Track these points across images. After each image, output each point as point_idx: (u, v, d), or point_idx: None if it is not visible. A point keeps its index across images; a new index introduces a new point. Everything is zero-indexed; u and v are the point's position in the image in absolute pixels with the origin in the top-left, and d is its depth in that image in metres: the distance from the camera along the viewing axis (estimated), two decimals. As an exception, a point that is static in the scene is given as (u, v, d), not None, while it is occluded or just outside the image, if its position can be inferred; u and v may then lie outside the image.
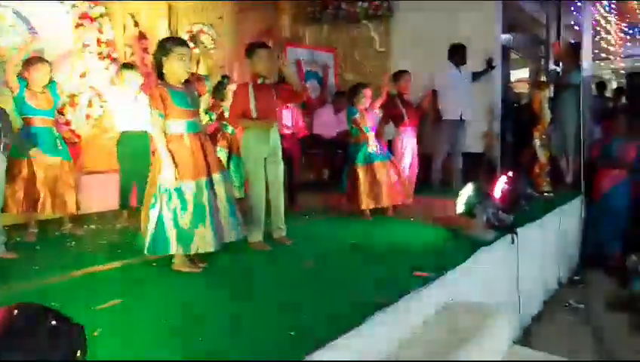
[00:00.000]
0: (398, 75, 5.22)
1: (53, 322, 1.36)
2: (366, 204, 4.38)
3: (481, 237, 3.46)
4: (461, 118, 5.86)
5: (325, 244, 3.53)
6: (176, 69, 2.80)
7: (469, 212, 3.65)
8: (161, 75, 2.83)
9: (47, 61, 3.89)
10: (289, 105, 4.95)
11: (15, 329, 1.30)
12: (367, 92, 4.45)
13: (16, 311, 1.35)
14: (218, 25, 6.38)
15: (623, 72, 11.75)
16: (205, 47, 6.16)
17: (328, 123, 6.74)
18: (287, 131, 5.04)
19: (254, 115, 3.37)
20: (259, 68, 3.41)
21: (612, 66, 11.77)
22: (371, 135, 4.45)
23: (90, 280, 2.80)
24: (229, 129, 4.91)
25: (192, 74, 3.17)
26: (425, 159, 5.81)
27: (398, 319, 2.30)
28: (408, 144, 5.16)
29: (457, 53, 5.79)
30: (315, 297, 2.43)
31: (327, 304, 2.33)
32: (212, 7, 6.33)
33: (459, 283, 2.90)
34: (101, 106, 5.14)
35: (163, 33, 5.60)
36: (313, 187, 6.25)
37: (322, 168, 7.15)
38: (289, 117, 5.24)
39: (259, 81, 3.43)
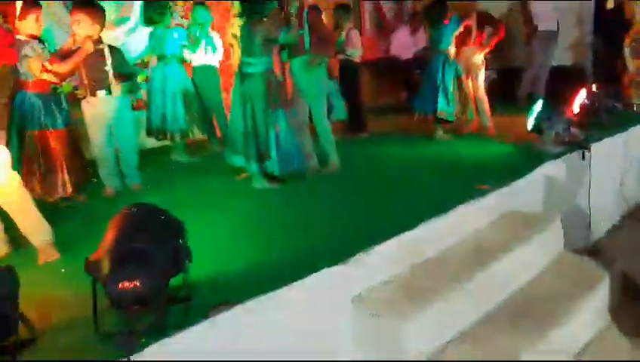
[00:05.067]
0: None
1: (163, 217, 1.80)
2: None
3: (548, 151, 3.49)
4: (558, 27, 5.55)
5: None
6: None
7: (538, 128, 3.66)
8: None
9: None
10: None
11: (138, 220, 1.75)
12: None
13: (135, 209, 1.80)
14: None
15: None
16: None
17: (406, 44, 6.69)
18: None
19: None
20: None
21: None
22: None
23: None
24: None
25: None
26: (515, 73, 5.64)
27: (449, 227, 2.55)
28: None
29: None
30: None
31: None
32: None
33: (519, 195, 3.03)
34: None
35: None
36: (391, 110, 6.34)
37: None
38: None
39: None
